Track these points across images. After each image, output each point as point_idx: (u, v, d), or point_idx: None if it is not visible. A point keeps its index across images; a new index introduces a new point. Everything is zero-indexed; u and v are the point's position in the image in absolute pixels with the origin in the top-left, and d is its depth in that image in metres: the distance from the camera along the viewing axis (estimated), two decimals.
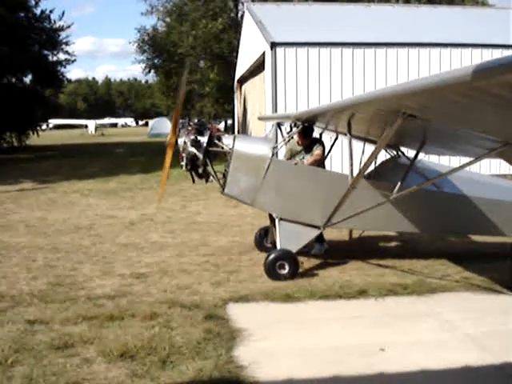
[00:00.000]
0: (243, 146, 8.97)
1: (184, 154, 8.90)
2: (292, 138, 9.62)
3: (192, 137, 8.79)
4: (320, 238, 9.76)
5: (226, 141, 9.07)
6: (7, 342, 5.98)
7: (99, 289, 8.05)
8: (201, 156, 8.82)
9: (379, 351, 5.81)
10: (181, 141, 8.93)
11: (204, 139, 8.84)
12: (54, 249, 10.64)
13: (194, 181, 9.42)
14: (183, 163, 8.97)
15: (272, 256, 8.44)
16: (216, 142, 9.01)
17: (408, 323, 6.68)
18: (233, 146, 8.92)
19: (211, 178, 9.21)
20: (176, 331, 6.29)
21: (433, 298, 7.62)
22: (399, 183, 7.99)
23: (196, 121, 9.17)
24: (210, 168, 9.06)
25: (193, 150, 8.79)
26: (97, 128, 79.38)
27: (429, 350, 5.84)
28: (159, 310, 7.01)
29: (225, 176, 9.06)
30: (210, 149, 8.93)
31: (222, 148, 9.02)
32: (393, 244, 11.12)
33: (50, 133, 75.89)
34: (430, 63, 19.51)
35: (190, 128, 8.99)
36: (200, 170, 9.11)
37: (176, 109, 9.17)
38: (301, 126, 9.42)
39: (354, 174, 8.16)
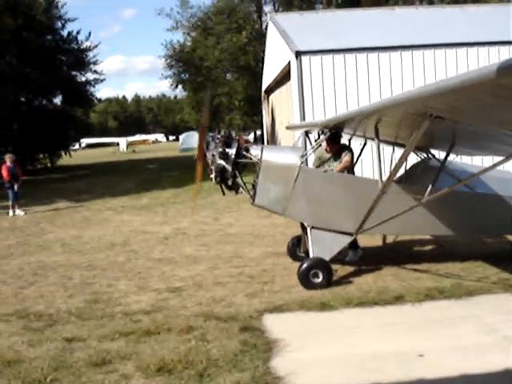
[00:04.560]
0: (271, 156, 8.95)
1: (213, 167, 8.93)
2: (320, 145, 9.57)
3: (220, 149, 8.82)
4: (354, 245, 9.69)
5: (254, 151, 9.06)
6: (46, 361, 6.06)
7: (135, 304, 8.11)
8: (229, 168, 8.84)
9: (418, 357, 5.74)
10: (209, 154, 8.97)
11: (232, 151, 8.86)
12: (89, 266, 10.77)
13: (224, 193, 9.41)
14: (213, 176, 9.01)
15: (305, 265, 8.40)
16: (244, 153, 9.02)
17: (446, 328, 6.57)
18: (261, 157, 8.92)
19: (241, 189, 9.22)
20: (212, 344, 6.30)
21: (471, 301, 7.49)
22: (430, 186, 7.90)
23: (223, 133, 9.19)
24: (239, 179, 9.06)
25: (221, 162, 8.82)
26: (128, 145, 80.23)
27: (468, 355, 5.74)
28: (195, 323, 7.04)
29: (254, 187, 9.05)
30: (239, 160, 8.94)
31: (251, 159, 9.03)
32: (428, 248, 10.98)
33: (83, 152, 76.99)
34: (458, 63, 19.26)
35: (217, 141, 9.02)
36: (229, 182, 9.11)
37: (201, 130, 9.24)
38: (328, 133, 9.38)
39: (384, 179, 8.09)
